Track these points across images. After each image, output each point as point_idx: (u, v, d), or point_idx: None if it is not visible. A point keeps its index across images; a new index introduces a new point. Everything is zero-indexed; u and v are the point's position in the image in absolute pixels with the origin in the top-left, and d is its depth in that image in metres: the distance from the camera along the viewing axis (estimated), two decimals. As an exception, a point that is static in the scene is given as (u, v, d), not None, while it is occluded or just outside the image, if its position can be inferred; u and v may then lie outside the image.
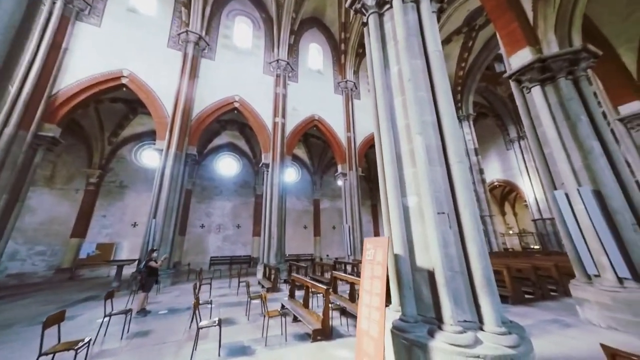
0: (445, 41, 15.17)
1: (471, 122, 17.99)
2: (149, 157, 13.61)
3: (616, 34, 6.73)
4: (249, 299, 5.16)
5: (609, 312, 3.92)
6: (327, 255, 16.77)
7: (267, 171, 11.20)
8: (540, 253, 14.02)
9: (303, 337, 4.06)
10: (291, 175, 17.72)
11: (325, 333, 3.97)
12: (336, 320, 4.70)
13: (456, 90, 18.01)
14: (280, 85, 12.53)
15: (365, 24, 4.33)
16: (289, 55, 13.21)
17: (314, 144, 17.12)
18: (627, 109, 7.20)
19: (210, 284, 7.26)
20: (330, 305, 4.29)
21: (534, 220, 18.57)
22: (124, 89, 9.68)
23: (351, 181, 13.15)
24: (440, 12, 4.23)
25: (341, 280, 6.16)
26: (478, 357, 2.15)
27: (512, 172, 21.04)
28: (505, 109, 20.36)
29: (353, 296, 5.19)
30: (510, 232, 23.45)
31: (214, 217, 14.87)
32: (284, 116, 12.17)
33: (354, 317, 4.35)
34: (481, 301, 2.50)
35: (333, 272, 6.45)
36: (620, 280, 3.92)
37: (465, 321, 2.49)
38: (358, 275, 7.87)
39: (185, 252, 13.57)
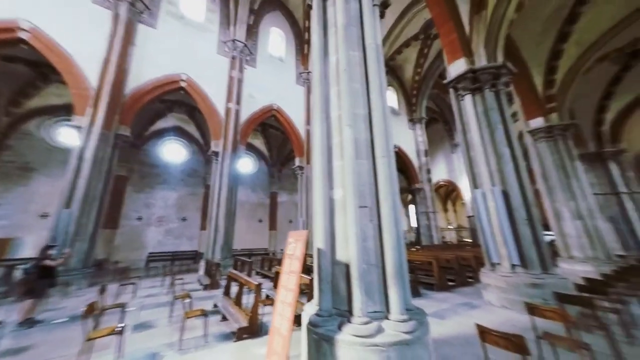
0: (405, 45, 15.96)
1: (423, 125, 19.53)
2: (69, 136, 11.25)
3: (531, 57, 7.91)
4: (173, 299, 4.64)
5: (503, 294, 4.60)
6: (281, 250, 16.55)
7: (217, 160, 10.35)
8: (470, 245, 16.14)
9: (228, 336, 3.79)
10: (247, 165, 16.83)
11: (252, 331, 3.77)
12: (271, 316, 4.53)
13: (412, 93, 19.30)
14: (236, 68, 11.57)
15: (310, 7, 4.11)
16: (247, 37, 12.23)
17: (274, 135, 16.47)
18: (534, 123, 8.60)
19: (134, 283, 6.38)
20: (261, 301, 4.11)
21: (469, 217, 21.38)
22: (25, 46, 7.68)
23: (308, 175, 13.05)
24: (384, 8, 4.24)
25: (284, 274, 6.02)
26: (377, 345, 2.20)
27: (455, 173, 23.67)
28: (452, 115, 22.57)
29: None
30: (450, 227, 26.59)
31: (155, 208, 13.23)
32: (238, 102, 11.31)
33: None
34: (390, 291, 2.57)
35: (277, 266, 6.27)
36: (513, 267, 4.63)
37: (375, 312, 2.54)
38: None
39: (117, 248, 11.79)
